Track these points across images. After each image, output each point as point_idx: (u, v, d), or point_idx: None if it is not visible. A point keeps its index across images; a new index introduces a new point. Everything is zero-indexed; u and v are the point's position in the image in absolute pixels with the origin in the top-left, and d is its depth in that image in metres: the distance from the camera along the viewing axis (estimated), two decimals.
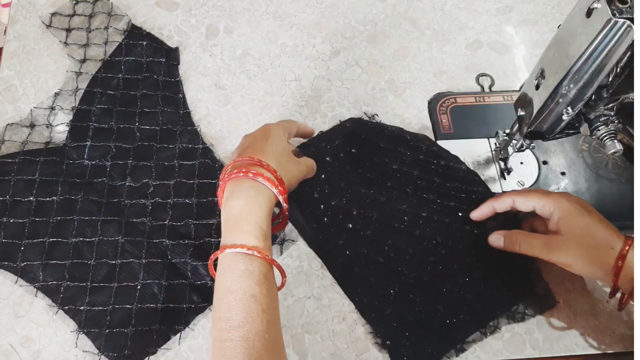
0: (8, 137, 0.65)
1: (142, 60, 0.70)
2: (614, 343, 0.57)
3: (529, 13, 0.78)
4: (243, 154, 0.54)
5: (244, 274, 0.47)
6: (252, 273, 0.47)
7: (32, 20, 0.73)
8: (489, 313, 0.58)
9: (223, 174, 0.54)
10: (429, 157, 0.65)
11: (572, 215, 0.53)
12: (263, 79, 0.71)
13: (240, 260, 0.47)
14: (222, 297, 0.47)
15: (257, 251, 0.48)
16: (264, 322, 0.45)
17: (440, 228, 0.61)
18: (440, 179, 0.64)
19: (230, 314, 0.45)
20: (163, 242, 0.60)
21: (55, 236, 0.59)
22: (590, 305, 0.59)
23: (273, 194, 0.51)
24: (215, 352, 0.45)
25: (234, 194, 0.50)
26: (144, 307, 0.57)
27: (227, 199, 0.51)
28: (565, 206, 0.54)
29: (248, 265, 0.47)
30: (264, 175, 0.51)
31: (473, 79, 0.73)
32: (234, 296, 0.46)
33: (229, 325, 0.45)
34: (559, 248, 0.53)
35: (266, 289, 0.47)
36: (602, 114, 0.52)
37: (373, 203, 0.62)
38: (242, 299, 0.46)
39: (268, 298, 0.47)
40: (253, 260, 0.47)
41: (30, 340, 0.55)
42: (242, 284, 0.47)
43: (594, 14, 0.45)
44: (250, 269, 0.47)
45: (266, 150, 0.54)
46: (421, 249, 0.60)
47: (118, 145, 0.65)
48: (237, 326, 0.45)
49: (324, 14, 0.76)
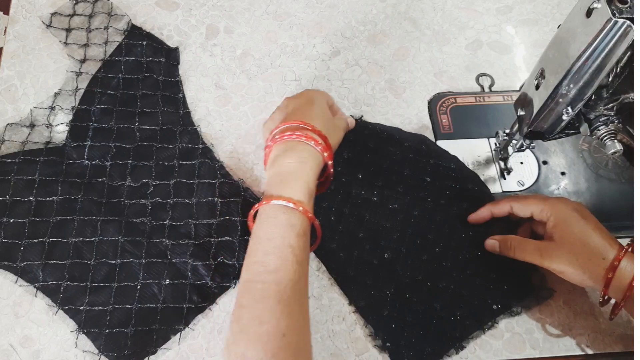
0: (8, 137, 0.65)
1: (142, 60, 0.70)
2: (614, 343, 0.57)
3: (529, 13, 0.78)
4: (292, 118, 0.55)
5: (286, 225, 0.49)
6: (293, 225, 0.49)
7: (32, 20, 0.73)
8: (486, 309, 0.58)
9: (272, 135, 0.55)
10: (418, 156, 0.65)
11: (567, 222, 0.53)
12: (263, 79, 0.71)
13: (285, 212, 0.49)
14: (261, 242, 0.49)
15: (302, 207, 0.50)
16: (297, 273, 0.47)
17: (432, 226, 0.61)
18: (431, 177, 0.64)
19: (267, 259, 0.47)
20: (163, 242, 0.60)
21: (55, 236, 0.59)
22: (590, 305, 0.59)
23: (322, 157, 0.54)
24: (244, 292, 0.47)
25: (286, 152, 0.53)
26: (144, 307, 0.57)
27: (278, 157, 0.53)
28: (561, 212, 0.54)
29: (291, 217, 0.49)
30: (316, 139, 0.53)
31: (473, 79, 0.73)
32: (274, 243, 0.48)
33: (264, 269, 0.47)
34: (550, 255, 0.53)
35: (303, 244, 0.49)
36: (602, 114, 0.52)
37: (365, 203, 0.62)
38: (282, 246, 0.48)
39: (304, 252, 0.49)
40: (296, 215, 0.49)
41: (30, 340, 0.55)
42: (283, 233, 0.49)
43: (594, 13, 0.45)
44: (293, 221, 0.49)
45: (314, 115, 0.56)
46: (414, 248, 0.60)
47: (118, 145, 0.65)
48: (272, 271, 0.47)
49: (324, 14, 0.76)
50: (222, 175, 0.64)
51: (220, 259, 0.59)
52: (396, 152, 0.65)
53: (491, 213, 0.60)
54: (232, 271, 0.59)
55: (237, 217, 0.61)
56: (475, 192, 0.63)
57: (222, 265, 0.59)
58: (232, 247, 0.59)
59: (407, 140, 0.66)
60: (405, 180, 0.64)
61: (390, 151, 0.65)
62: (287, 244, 0.48)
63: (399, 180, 0.64)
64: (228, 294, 0.58)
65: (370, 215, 0.62)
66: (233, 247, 0.59)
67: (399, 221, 0.62)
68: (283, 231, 0.49)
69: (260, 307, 0.45)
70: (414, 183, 0.64)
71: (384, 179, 0.64)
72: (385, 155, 0.65)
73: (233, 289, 0.58)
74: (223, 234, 0.60)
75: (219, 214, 0.61)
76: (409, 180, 0.64)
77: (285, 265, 0.47)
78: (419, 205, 0.62)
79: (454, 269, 0.59)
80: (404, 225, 0.62)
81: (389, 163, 0.64)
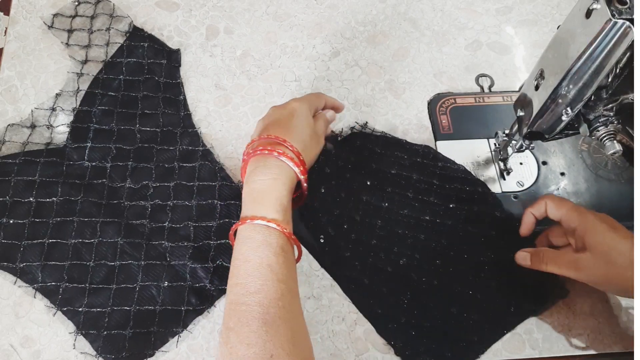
0: (8, 137, 0.65)
1: (144, 61, 0.70)
2: (613, 343, 0.57)
3: (528, 13, 0.78)
4: (269, 131, 0.55)
5: (262, 244, 0.49)
6: (270, 244, 0.49)
7: (33, 20, 0.73)
8: (502, 311, 0.57)
9: (247, 150, 0.55)
10: (425, 159, 0.65)
11: (598, 232, 0.51)
12: (263, 80, 0.71)
13: (259, 232, 0.49)
14: (240, 264, 0.49)
15: (276, 224, 0.49)
16: (278, 290, 0.47)
17: (444, 230, 0.61)
18: (439, 180, 0.64)
19: (247, 281, 0.47)
20: (162, 244, 0.60)
21: (54, 237, 0.59)
22: (590, 305, 0.59)
23: (295, 173, 0.53)
24: (230, 314, 0.47)
25: (257, 169, 0.52)
26: (143, 309, 0.57)
27: (250, 174, 0.53)
28: (591, 223, 0.52)
29: (266, 236, 0.49)
30: (287, 155, 0.53)
31: (473, 79, 0.73)
32: (251, 264, 0.48)
33: (246, 290, 0.47)
34: (587, 266, 0.51)
35: (282, 261, 0.49)
36: (601, 115, 0.52)
37: (376, 210, 0.62)
38: (259, 267, 0.48)
39: (284, 269, 0.49)
40: (272, 233, 0.49)
41: (30, 340, 0.56)
42: (260, 253, 0.48)
43: (594, 14, 0.45)
44: (269, 240, 0.49)
45: (291, 129, 0.55)
46: (428, 253, 0.60)
47: (118, 146, 0.65)
48: (253, 292, 0.47)
49: (324, 15, 0.77)
50: (222, 178, 0.64)
51: (219, 262, 0.59)
52: (403, 156, 0.65)
53: (534, 217, 0.58)
54: None
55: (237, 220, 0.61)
56: (486, 196, 0.63)
57: (221, 268, 0.59)
58: (231, 250, 0.59)
59: (413, 148, 0.66)
60: (414, 185, 0.63)
61: (397, 156, 0.65)
62: (266, 263, 0.48)
63: (408, 185, 0.64)
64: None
65: (382, 221, 0.62)
66: (232, 250, 0.59)
67: (411, 227, 0.62)
68: (260, 251, 0.48)
69: (246, 330, 0.45)
70: (423, 187, 0.63)
71: (392, 185, 0.64)
72: (392, 161, 0.65)
73: None
74: (222, 236, 0.60)
75: (219, 216, 0.61)
76: (418, 184, 0.64)
77: (266, 285, 0.47)
78: (430, 209, 0.62)
79: (469, 273, 0.59)
80: (416, 230, 0.61)
81: (397, 168, 0.64)
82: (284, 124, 0.56)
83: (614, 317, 0.58)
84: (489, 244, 0.60)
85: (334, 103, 0.64)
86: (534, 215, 0.58)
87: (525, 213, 0.59)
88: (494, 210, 0.62)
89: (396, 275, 0.59)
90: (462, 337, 0.56)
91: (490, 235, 0.61)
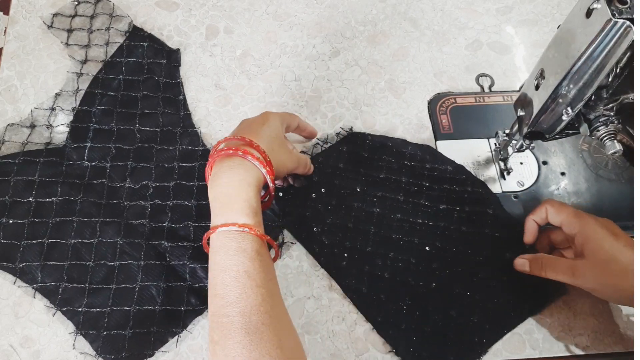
0: (8, 137, 0.65)
1: (143, 61, 0.70)
2: (613, 343, 0.57)
3: (528, 13, 0.78)
4: (236, 134, 0.54)
5: (236, 251, 0.47)
6: (244, 250, 0.47)
7: (32, 20, 0.73)
8: (501, 311, 0.57)
9: (213, 151, 0.53)
10: (414, 162, 0.65)
11: (597, 239, 0.52)
12: (263, 79, 0.71)
13: (232, 239, 0.48)
14: (217, 275, 0.47)
15: (249, 228, 0.48)
16: (258, 296, 0.46)
17: (438, 232, 0.61)
18: (429, 181, 0.64)
19: (225, 291, 0.46)
20: (162, 244, 0.60)
21: (54, 237, 0.59)
22: (590, 306, 0.59)
23: (261, 173, 0.51)
24: (213, 326, 0.46)
25: (221, 171, 0.50)
26: (142, 309, 0.57)
27: (214, 176, 0.51)
28: (591, 229, 0.52)
29: (240, 242, 0.48)
30: (253, 154, 0.51)
31: (473, 79, 0.73)
32: (228, 274, 0.46)
33: (225, 301, 0.46)
34: (584, 273, 0.52)
35: (259, 265, 0.48)
36: (601, 115, 0.52)
37: (368, 216, 0.62)
38: (237, 276, 0.46)
39: (262, 273, 0.47)
40: (245, 238, 0.48)
41: (30, 340, 0.56)
42: (236, 261, 0.47)
43: (594, 14, 0.45)
44: (243, 246, 0.47)
45: (260, 133, 0.54)
46: (424, 257, 0.60)
47: (118, 146, 0.65)
48: (232, 302, 0.45)
49: (324, 14, 0.76)
50: None
51: None
52: (391, 160, 0.65)
53: (535, 223, 0.58)
54: None
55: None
56: (476, 195, 0.63)
57: None
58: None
59: (407, 149, 0.65)
60: (404, 188, 0.63)
61: (385, 160, 0.65)
62: (243, 270, 0.46)
63: (398, 189, 0.63)
64: None
65: (375, 227, 0.61)
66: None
67: (405, 231, 0.61)
68: (235, 259, 0.47)
69: (230, 343, 0.44)
70: (413, 190, 0.63)
71: (382, 189, 0.63)
72: (381, 165, 0.65)
73: None
74: None
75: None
76: (408, 187, 0.63)
77: (245, 293, 0.46)
78: (421, 212, 0.62)
79: (467, 274, 0.59)
80: (410, 234, 0.61)
81: (385, 172, 0.64)
82: (254, 128, 0.55)
83: (614, 317, 0.58)
84: (484, 243, 0.60)
85: (306, 127, 0.64)
86: (535, 222, 0.58)
87: (527, 220, 0.59)
88: (485, 208, 0.62)
89: (394, 281, 0.59)
90: (464, 339, 0.56)
91: (485, 233, 0.61)
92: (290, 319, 0.49)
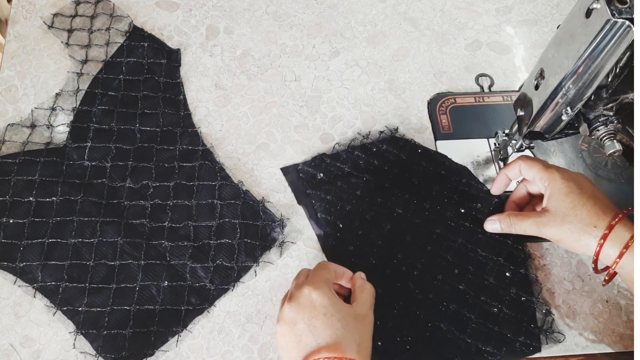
0: (8, 137, 0.65)
1: (144, 61, 0.70)
2: (613, 343, 0.57)
3: (528, 13, 0.78)
4: (315, 355, 0.46)
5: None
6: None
7: (33, 20, 0.73)
8: (491, 339, 0.56)
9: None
10: (449, 173, 0.64)
11: (561, 193, 0.54)
12: (263, 79, 0.71)
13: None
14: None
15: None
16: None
17: (453, 247, 0.60)
18: (459, 197, 0.63)
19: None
20: (162, 244, 0.60)
21: (54, 237, 0.59)
22: (590, 305, 0.59)
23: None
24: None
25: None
26: (142, 309, 0.57)
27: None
28: (557, 183, 0.55)
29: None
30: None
31: (473, 79, 0.73)
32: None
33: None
34: (546, 225, 0.54)
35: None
36: (601, 114, 0.52)
37: (388, 213, 0.62)
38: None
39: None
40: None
41: (30, 340, 0.56)
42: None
43: (593, 14, 0.45)
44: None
45: (333, 335, 0.47)
46: (431, 266, 0.59)
47: (118, 146, 0.65)
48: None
49: (324, 15, 0.77)
50: (222, 178, 0.64)
51: (219, 262, 0.59)
52: (429, 167, 0.65)
53: (507, 177, 0.60)
54: (230, 274, 0.59)
55: (237, 220, 0.61)
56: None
57: (221, 268, 0.59)
58: (231, 250, 0.59)
59: (447, 162, 0.65)
60: (434, 197, 0.63)
61: (422, 166, 0.65)
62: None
63: (427, 196, 0.63)
64: (227, 296, 0.58)
65: (392, 226, 0.61)
66: (232, 250, 0.59)
67: (420, 237, 0.61)
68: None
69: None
70: (442, 200, 0.63)
71: (411, 192, 0.63)
72: (416, 170, 0.64)
73: (232, 291, 0.58)
74: (222, 236, 0.60)
75: (219, 216, 0.61)
76: (438, 197, 0.63)
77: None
78: (443, 223, 0.61)
79: (468, 294, 0.58)
80: (424, 241, 0.61)
81: (419, 177, 0.64)
82: (321, 332, 0.47)
83: (614, 317, 0.58)
84: (496, 269, 0.59)
85: (344, 271, 0.55)
86: (507, 176, 0.60)
87: (499, 173, 0.61)
88: (506, 238, 0.61)
89: (393, 280, 0.59)
90: (446, 355, 0.55)
91: (499, 261, 0.60)
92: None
